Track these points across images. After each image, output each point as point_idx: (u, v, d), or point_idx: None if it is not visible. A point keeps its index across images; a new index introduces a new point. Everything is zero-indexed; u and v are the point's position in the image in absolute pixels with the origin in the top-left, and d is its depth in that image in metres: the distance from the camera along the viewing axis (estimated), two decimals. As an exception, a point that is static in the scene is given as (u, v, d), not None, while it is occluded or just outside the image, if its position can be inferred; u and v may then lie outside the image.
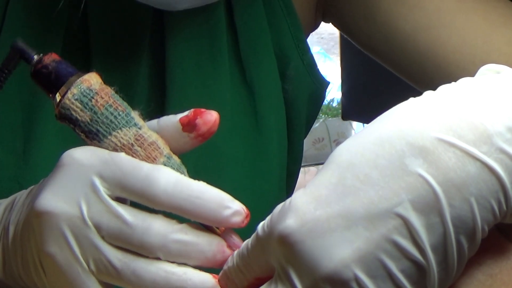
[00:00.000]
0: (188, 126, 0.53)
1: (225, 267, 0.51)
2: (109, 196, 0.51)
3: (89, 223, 0.50)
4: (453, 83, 0.48)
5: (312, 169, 2.45)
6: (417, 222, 0.44)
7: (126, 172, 0.51)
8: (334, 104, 2.71)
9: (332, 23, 0.85)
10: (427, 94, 0.47)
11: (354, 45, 0.85)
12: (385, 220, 0.44)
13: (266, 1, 0.79)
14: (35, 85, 0.71)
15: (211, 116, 0.53)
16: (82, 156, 0.52)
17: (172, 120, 0.54)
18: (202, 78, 0.75)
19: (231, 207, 0.51)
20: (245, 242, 0.50)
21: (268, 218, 0.48)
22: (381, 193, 0.44)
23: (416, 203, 0.44)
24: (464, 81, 0.48)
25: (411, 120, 0.45)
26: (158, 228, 0.50)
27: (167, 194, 0.50)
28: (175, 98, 0.73)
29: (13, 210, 0.57)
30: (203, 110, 0.53)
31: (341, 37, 1.47)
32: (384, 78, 0.95)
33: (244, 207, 0.51)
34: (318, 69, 0.83)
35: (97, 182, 0.51)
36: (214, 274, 0.51)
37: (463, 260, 0.46)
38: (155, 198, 0.51)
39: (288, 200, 0.46)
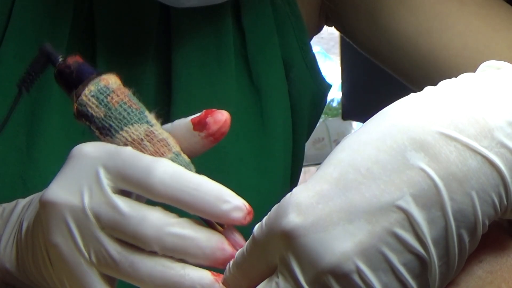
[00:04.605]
0: (199, 125, 0.53)
1: (222, 278, 0.50)
2: (112, 188, 0.51)
3: (89, 213, 0.51)
4: (453, 78, 0.48)
5: (312, 169, 2.45)
6: (418, 216, 0.44)
7: (128, 163, 0.51)
8: (334, 104, 2.71)
9: (335, 27, 0.85)
10: (428, 89, 0.48)
11: (354, 45, 0.85)
12: (387, 213, 0.44)
13: (273, 2, 0.79)
14: (38, 80, 0.71)
15: (222, 116, 0.53)
16: (90, 149, 0.52)
17: (184, 121, 0.54)
18: (208, 78, 0.75)
19: (231, 202, 0.50)
20: (240, 250, 0.49)
21: (265, 218, 0.48)
22: (383, 187, 0.44)
23: (418, 197, 0.44)
24: (464, 77, 0.48)
25: (412, 115, 0.45)
26: (154, 220, 0.50)
27: (164, 184, 0.50)
28: (180, 97, 0.73)
29: (29, 208, 0.57)
30: (214, 110, 0.53)
31: (341, 37, 1.48)
32: (384, 78, 0.95)
33: (246, 203, 0.50)
34: (320, 72, 0.84)
35: (101, 173, 0.51)
36: (214, 272, 0.50)
37: (464, 254, 0.46)
38: (152, 188, 0.50)
39: (287, 196, 0.46)
